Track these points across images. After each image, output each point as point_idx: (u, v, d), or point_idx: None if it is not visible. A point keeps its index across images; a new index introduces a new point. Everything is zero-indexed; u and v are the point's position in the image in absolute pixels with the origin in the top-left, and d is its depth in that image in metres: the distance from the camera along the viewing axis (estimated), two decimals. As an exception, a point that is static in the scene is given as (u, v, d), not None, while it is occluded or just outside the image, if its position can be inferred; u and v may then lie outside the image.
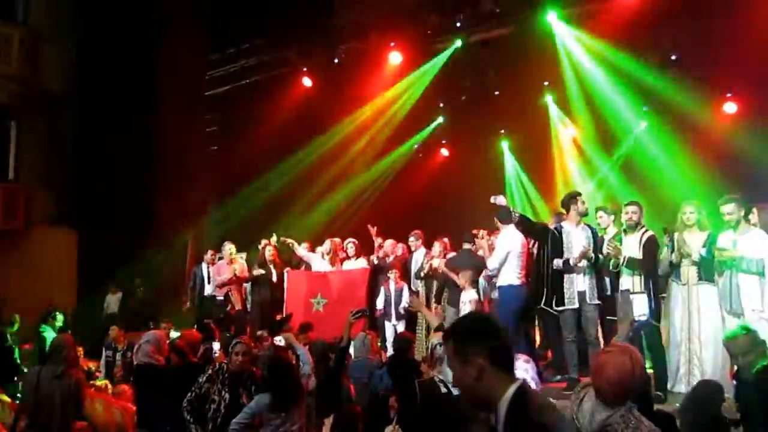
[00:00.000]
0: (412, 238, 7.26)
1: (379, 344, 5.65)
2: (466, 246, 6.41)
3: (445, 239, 7.09)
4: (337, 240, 7.52)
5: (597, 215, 5.91)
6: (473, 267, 6.05)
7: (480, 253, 6.22)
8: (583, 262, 5.20)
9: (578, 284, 5.27)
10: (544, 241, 5.52)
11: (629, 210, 5.16)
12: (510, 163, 11.08)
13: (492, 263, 5.60)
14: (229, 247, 7.49)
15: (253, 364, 3.99)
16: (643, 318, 4.69)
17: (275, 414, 3.53)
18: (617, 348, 2.46)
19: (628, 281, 5.08)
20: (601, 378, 2.39)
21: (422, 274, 6.71)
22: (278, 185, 9.90)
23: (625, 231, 5.24)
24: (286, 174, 9.84)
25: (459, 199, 9.79)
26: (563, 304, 5.29)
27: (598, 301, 5.28)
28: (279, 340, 4.53)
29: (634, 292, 4.97)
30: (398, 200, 10.14)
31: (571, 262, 5.21)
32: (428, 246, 7.00)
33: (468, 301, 5.82)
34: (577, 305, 5.21)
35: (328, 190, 10.08)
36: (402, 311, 6.79)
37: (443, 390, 3.16)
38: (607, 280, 5.43)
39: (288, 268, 7.26)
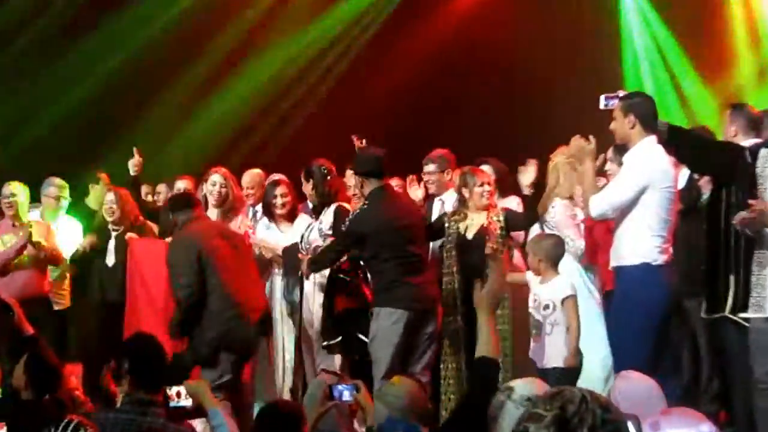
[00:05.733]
0: (430, 167, 6.60)
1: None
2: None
3: (486, 167, 6.37)
4: (254, 175, 7.05)
5: None
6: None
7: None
8: None
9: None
10: (723, 176, 5.17)
11: None
12: (633, 13, 10.09)
13: (599, 204, 5.14)
14: (11, 191, 6.85)
15: None
16: None
17: None
18: None
19: None
20: None
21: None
22: (117, 60, 9.45)
23: None
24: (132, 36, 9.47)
25: (512, 86, 9.11)
26: (746, 309, 4.96)
27: None
28: (175, 396, 4.19)
29: None
30: (380, 91, 9.38)
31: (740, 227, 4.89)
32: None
33: (550, 304, 5.35)
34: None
35: (225, 69, 9.62)
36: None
37: None
38: None
39: (131, 234, 6.69)
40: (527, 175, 6.03)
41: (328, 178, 6.12)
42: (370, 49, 9.90)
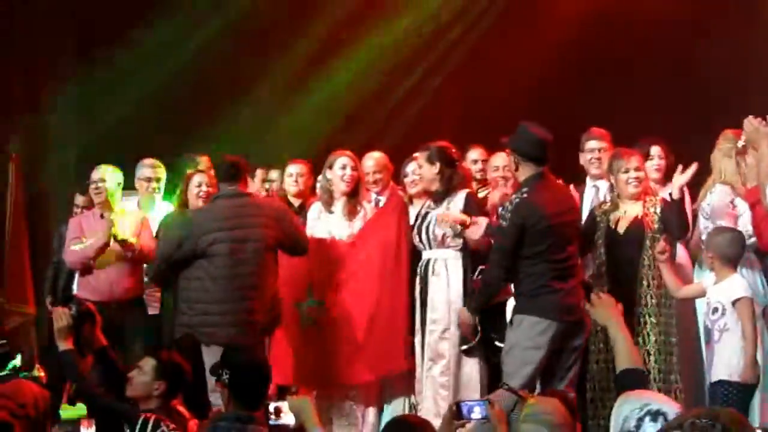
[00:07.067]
0: (593, 143, 6.17)
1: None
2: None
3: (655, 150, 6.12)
4: (378, 158, 6.49)
5: None
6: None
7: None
8: None
9: None
10: None
11: None
12: None
13: None
14: (99, 176, 6.50)
15: None
16: None
17: None
18: None
19: None
20: None
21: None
22: (217, 26, 8.89)
23: None
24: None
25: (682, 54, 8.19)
26: None
27: None
28: (275, 412, 4.04)
29: None
30: (517, 66, 8.49)
31: None
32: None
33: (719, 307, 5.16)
34: None
35: (339, 40, 8.95)
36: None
37: None
38: None
39: None
40: (683, 178, 5.57)
41: (456, 162, 5.85)
42: (507, 16, 9.01)
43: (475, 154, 6.46)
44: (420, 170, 5.98)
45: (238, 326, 5.48)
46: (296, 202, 6.72)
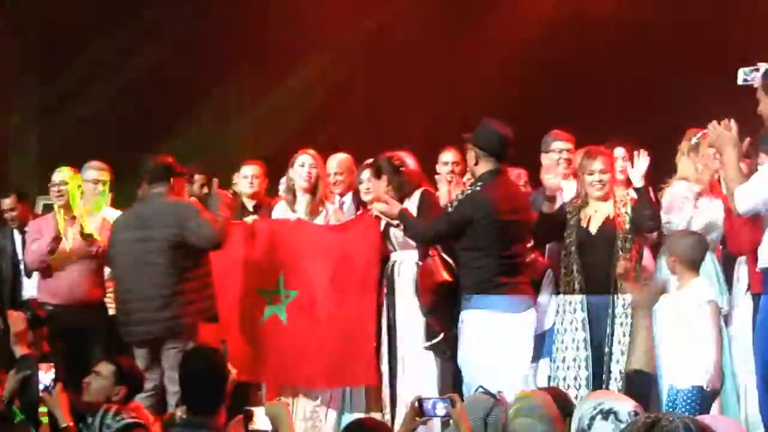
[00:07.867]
0: (559, 144, 6.18)
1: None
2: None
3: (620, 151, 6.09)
4: (341, 159, 6.58)
5: None
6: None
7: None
8: None
9: None
10: None
11: None
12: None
13: (746, 198, 4.77)
14: (61, 178, 6.48)
15: None
16: None
17: None
18: None
19: None
20: None
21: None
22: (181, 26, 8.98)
23: None
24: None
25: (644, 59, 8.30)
26: None
27: None
28: (249, 416, 3.93)
29: None
30: (482, 66, 8.59)
31: None
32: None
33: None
34: None
35: (303, 41, 8.90)
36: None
37: None
38: None
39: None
40: (640, 166, 5.52)
41: (402, 169, 5.83)
42: (479, 15, 8.90)
43: (447, 156, 6.42)
44: (372, 188, 5.95)
45: (153, 324, 5.50)
46: (251, 203, 6.58)
